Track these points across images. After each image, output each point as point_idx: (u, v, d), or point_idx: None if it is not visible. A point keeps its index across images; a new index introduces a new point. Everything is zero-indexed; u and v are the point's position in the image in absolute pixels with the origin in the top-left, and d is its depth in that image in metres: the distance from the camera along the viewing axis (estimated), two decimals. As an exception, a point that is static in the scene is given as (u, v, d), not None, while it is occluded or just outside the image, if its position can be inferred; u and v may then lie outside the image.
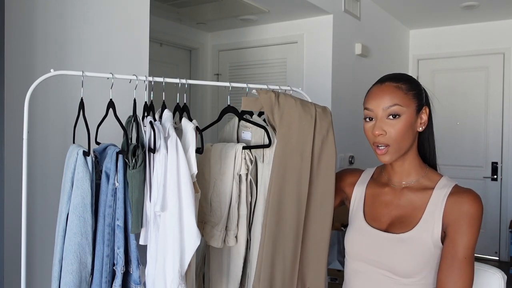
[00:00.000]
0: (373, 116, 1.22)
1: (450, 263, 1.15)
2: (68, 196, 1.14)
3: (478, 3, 3.89)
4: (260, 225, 1.36)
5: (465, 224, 1.16)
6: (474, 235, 1.16)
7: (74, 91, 1.65)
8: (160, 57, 3.68)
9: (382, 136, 1.20)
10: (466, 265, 1.15)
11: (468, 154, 4.58)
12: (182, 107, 1.36)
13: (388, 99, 1.20)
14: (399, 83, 1.22)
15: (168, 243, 1.14)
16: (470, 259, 1.16)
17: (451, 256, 1.16)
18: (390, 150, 1.21)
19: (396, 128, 1.19)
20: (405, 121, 1.19)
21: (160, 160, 1.15)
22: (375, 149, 1.24)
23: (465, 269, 1.15)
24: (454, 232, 1.17)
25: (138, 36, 1.95)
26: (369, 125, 1.24)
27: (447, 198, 1.20)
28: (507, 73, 4.45)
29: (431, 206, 1.21)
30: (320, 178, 1.31)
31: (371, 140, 1.24)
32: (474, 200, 1.17)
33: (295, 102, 1.31)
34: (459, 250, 1.15)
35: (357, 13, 3.65)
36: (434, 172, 1.30)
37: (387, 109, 1.19)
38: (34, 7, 1.60)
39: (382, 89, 1.22)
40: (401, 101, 1.19)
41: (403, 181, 1.29)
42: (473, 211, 1.16)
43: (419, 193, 1.25)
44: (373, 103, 1.22)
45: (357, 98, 3.75)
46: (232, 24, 3.80)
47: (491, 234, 4.51)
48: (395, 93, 1.20)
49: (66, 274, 1.12)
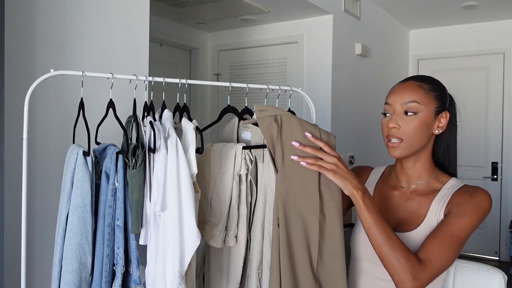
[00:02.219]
0: (391, 111, 1.24)
1: (441, 234, 1.13)
2: (68, 196, 1.13)
3: (478, 3, 3.89)
4: (260, 225, 1.36)
5: (469, 207, 1.15)
6: (474, 220, 1.15)
7: (74, 91, 1.65)
8: (160, 57, 3.68)
9: (395, 129, 1.21)
10: (455, 243, 1.13)
11: (468, 154, 4.58)
12: (182, 107, 1.35)
13: (408, 96, 1.21)
14: (422, 83, 1.23)
15: (168, 243, 1.14)
16: (461, 241, 1.14)
17: (444, 230, 1.14)
18: (401, 145, 1.21)
19: (411, 125, 1.20)
20: (421, 119, 1.20)
21: (160, 160, 1.15)
22: (387, 143, 1.24)
23: (453, 246, 1.12)
24: (454, 211, 1.16)
25: (138, 36, 1.95)
26: (385, 120, 1.25)
27: (454, 192, 1.21)
28: (507, 73, 4.45)
29: (436, 203, 1.22)
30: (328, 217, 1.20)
31: (385, 133, 1.25)
32: (483, 192, 1.18)
33: (300, 131, 1.19)
34: (454, 227, 1.14)
35: (357, 13, 3.65)
36: (444, 174, 1.28)
37: (405, 105, 1.21)
38: (34, 7, 1.60)
39: (404, 86, 1.24)
40: (420, 99, 1.20)
41: (412, 183, 1.28)
42: (479, 199, 1.16)
43: (427, 194, 1.25)
44: (392, 98, 1.24)
45: (357, 98, 3.76)
46: (232, 24, 3.80)
47: (491, 234, 4.51)
48: (415, 91, 1.21)
49: (66, 274, 1.12)
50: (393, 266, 1.08)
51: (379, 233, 1.10)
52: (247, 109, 1.45)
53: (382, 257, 1.10)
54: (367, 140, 3.89)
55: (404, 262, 1.07)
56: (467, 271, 1.43)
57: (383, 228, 1.11)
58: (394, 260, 1.08)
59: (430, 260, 1.10)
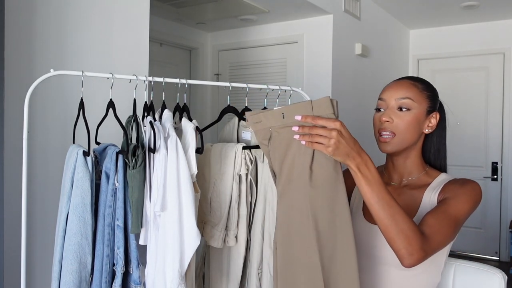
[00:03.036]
0: (384, 106, 1.26)
1: (441, 212, 1.14)
2: (68, 196, 1.13)
3: (478, 3, 3.88)
4: (260, 225, 1.36)
5: (462, 193, 1.18)
6: (468, 204, 1.17)
7: (74, 91, 1.65)
8: (160, 57, 3.68)
9: (388, 123, 1.23)
10: (453, 222, 1.14)
11: (468, 154, 4.58)
12: (182, 107, 1.35)
13: (402, 92, 1.24)
14: (416, 82, 1.27)
15: (168, 243, 1.14)
16: (458, 221, 1.15)
17: (443, 210, 1.15)
18: (393, 140, 1.23)
19: (404, 120, 1.22)
20: (413, 116, 1.23)
21: (160, 160, 1.15)
22: (378, 138, 1.26)
23: (451, 225, 1.13)
24: (449, 196, 1.18)
25: (138, 36, 1.95)
26: (378, 114, 1.27)
27: (445, 184, 1.24)
28: (507, 73, 4.45)
29: (428, 193, 1.25)
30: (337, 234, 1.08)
31: (376, 127, 1.27)
32: (473, 182, 1.22)
33: (290, 131, 1.07)
34: (451, 207, 1.15)
35: (357, 13, 3.65)
36: (435, 170, 1.32)
37: (399, 100, 1.23)
38: (34, 7, 1.60)
39: (399, 83, 1.27)
40: (414, 96, 1.24)
41: (403, 179, 1.31)
42: (470, 187, 1.20)
43: (418, 187, 1.28)
44: (386, 94, 1.27)
45: (357, 98, 3.75)
46: (232, 24, 3.80)
47: (491, 234, 4.51)
48: (410, 88, 1.25)
49: (66, 274, 1.12)
50: (400, 240, 1.04)
51: (380, 205, 1.04)
52: (247, 109, 1.45)
53: (388, 232, 1.06)
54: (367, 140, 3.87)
55: (412, 235, 1.05)
56: (467, 271, 1.43)
57: (384, 199, 1.05)
58: (402, 235, 1.04)
59: (432, 233, 1.10)
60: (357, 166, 1.05)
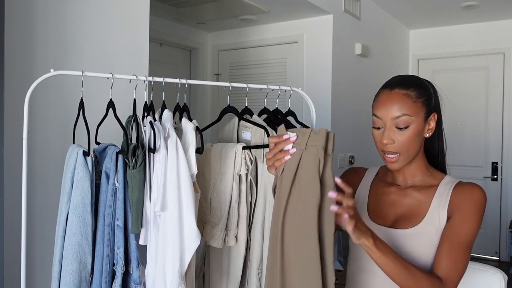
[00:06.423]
0: (381, 124, 1.22)
1: (451, 245, 1.16)
2: (68, 196, 1.13)
3: (478, 3, 3.89)
4: (260, 225, 1.36)
5: (469, 210, 1.18)
6: (476, 222, 1.18)
7: (74, 91, 1.65)
8: (160, 57, 3.68)
9: (390, 145, 1.21)
10: (466, 250, 1.17)
11: (468, 154, 4.58)
12: (182, 107, 1.35)
13: (397, 109, 1.19)
14: (408, 90, 1.20)
15: (168, 243, 1.14)
16: (470, 245, 1.18)
17: (453, 239, 1.17)
18: (400, 158, 1.22)
19: (405, 137, 1.20)
20: (413, 130, 1.20)
21: (160, 160, 1.15)
22: (384, 157, 1.24)
23: (465, 254, 1.17)
24: (457, 217, 1.19)
25: (138, 36, 1.95)
26: (377, 133, 1.24)
27: (452, 190, 1.23)
28: (507, 73, 4.45)
29: (436, 200, 1.24)
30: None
31: (379, 147, 1.25)
32: (478, 189, 1.21)
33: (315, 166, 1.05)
34: (462, 234, 1.17)
35: (357, 13, 3.65)
36: (438, 172, 1.32)
37: (396, 119, 1.19)
38: (34, 7, 1.59)
39: (391, 97, 1.21)
40: (410, 110, 1.19)
41: (408, 181, 1.30)
42: (476, 198, 1.19)
43: (424, 190, 1.27)
44: (381, 111, 1.21)
45: (357, 98, 3.75)
46: (232, 24, 3.80)
47: (491, 234, 4.51)
48: (403, 102, 1.19)
49: (66, 274, 1.12)
50: None
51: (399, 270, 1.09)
52: (247, 109, 1.45)
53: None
54: (367, 140, 3.87)
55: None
56: (467, 271, 1.42)
57: (401, 264, 1.10)
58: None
59: (450, 277, 1.14)
60: (374, 242, 1.07)
